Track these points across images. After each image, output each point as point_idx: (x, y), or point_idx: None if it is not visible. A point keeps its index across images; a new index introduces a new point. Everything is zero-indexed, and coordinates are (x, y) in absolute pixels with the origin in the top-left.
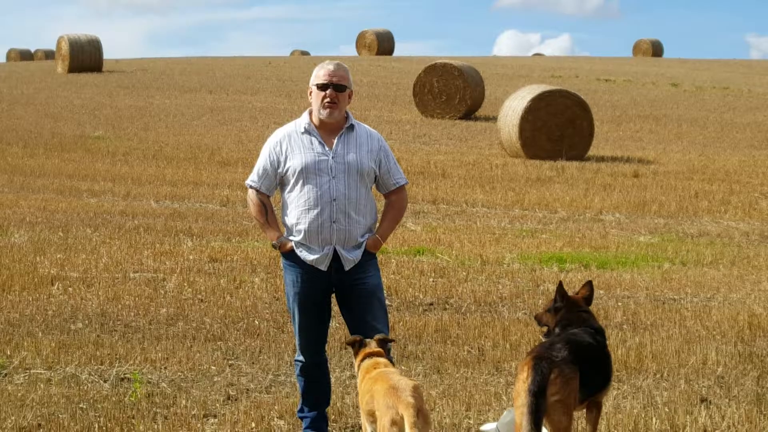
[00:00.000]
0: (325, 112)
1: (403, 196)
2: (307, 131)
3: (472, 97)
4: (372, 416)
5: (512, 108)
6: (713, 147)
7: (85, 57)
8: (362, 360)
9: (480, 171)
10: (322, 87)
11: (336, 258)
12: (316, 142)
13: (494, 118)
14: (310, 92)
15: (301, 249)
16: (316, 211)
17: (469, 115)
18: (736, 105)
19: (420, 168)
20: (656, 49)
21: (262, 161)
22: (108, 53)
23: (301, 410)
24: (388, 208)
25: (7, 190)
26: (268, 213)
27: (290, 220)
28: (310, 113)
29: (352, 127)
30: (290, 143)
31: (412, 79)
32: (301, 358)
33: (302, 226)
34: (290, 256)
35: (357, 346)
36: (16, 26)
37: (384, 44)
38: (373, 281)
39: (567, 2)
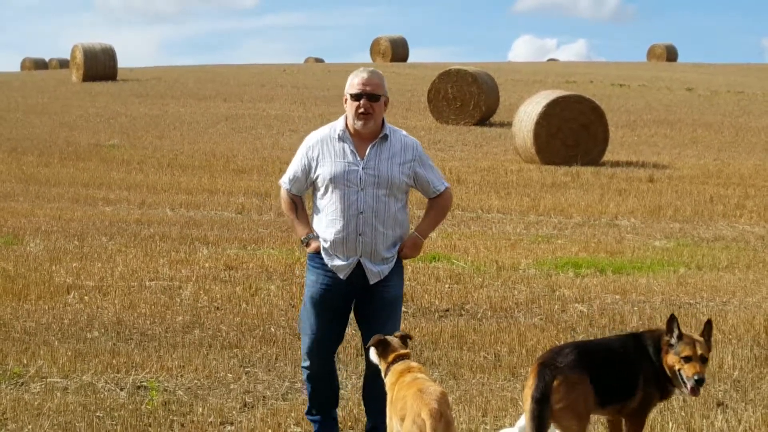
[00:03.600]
0: (359, 123)
1: (445, 197)
2: (341, 138)
3: (487, 103)
4: (404, 420)
5: (527, 113)
6: (728, 151)
7: (100, 66)
8: (392, 362)
9: (495, 177)
10: (355, 97)
11: (360, 268)
12: (348, 150)
13: (509, 124)
14: (345, 100)
15: (327, 254)
16: (342, 223)
17: (483, 121)
18: (751, 109)
19: None
20: (670, 54)
21: (295, 164)
22: (122, 62)
23: (309, 411)
24: (429, 207)
25: (22, 199)
26: (298, 210)
27: (318, 226)
28: (346, 119)
29: (386, 136)
30: (323, 149)
31: (427, 86)
32: (307, 364)
33: (328, 236)
34: (316, 256)
35: (382, 348)
36: (31, 36)
37: (398, 51)
38: (394, 291)
39: (583, 6)
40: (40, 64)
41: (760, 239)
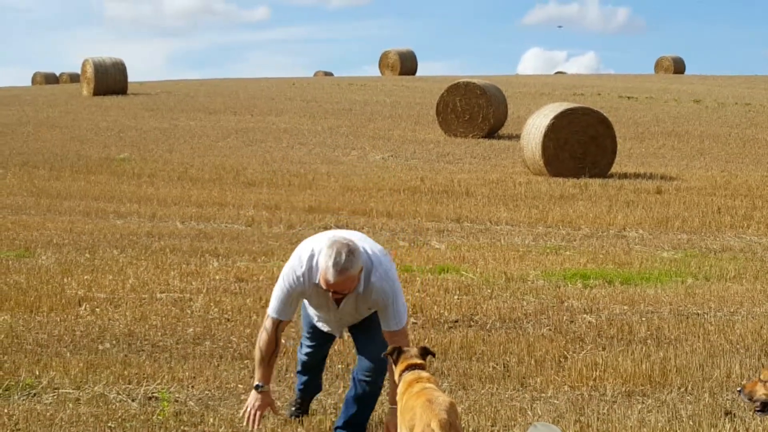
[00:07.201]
0: (333, 303)
1: (395, 340)
2: (318, 287)
3: (495, 116)
4: (412, 431)
5: (535, 126)
6: (736, 163)
7: (110, 80)
8: (404, 370)
9: (503, 189)
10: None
11: None
12: (329, 298)
13: (517, 137)
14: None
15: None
16: (326, 326)
17: (492, 133)
18: (759, 121)
19: (444, 187)
20: (678, 66)
21: (280, 297)
22: (132, 75)
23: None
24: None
25: (33, 213)
26: (272, 355)
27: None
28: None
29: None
30: (303, 290)
31: (435, 99)
32: (305, 359)
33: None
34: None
35: (396, 354)
36: (41, 50)
37: (407, 64)
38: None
39: (593, 19)
40: (50, 79)
41: None
